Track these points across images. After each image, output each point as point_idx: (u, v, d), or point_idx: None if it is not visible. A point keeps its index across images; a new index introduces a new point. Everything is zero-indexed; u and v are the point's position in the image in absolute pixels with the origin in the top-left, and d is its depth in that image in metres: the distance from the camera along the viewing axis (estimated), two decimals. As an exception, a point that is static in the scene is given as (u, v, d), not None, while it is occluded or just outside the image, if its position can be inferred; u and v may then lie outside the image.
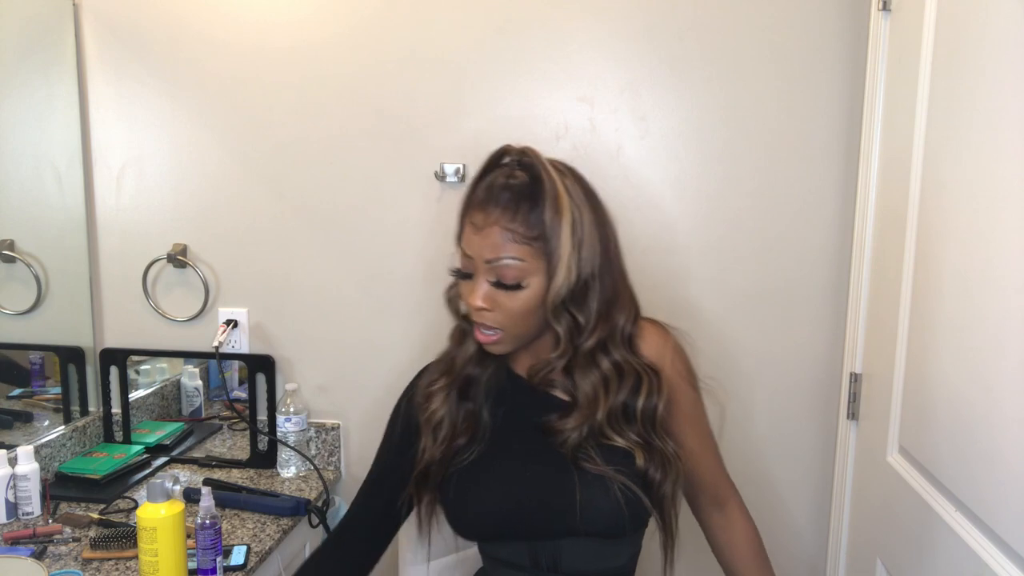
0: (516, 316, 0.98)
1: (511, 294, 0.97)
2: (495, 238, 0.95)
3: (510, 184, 0.97)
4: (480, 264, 0.97)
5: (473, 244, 0.97)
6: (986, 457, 0.95)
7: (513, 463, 1.05)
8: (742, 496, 1.28)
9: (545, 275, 0.97)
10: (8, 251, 1.58)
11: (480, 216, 0.97)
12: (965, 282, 1.01)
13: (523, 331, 1.01)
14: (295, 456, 1.62)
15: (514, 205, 0.95)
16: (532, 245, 0.95)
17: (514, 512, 1.04)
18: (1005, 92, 0.92)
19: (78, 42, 1.65)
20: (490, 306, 0.98)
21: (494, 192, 0.97)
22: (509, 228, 0.95)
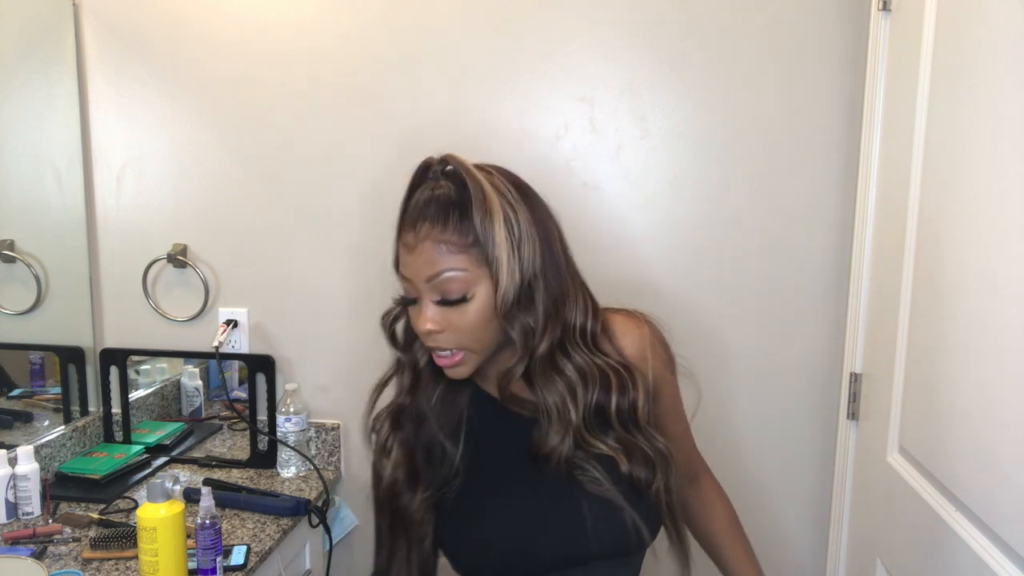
0: (470, 331, 0.92)
1: (459, 309, 0.91)
2: (429, 253, 0.90)
3: (436, 195, 0.93)
4: (421, 285, 0.92)
5: (409, 266, 0.93)
6: (986, 457, 0.95)
7: (508, 498, 0.99)
8: (742, 498, 1.28)
9: (489, 281, 0.91)
10: (8, 251, 1.58)
11: (411, 235, 0.92)
12: (965, 281, 1.01)
13: (481, 346, 0.94)
14: (295, 456, 1.62)
15: (443, 215, 0.91)
16: (469, 253, 0.90)
17: (520, 555, 0.97)
18: (1005, 92, 0.92)
19: (78, 42, 1.65)
20: (440, 327, 0.92)
21: (420, 207, 0.93)
22: (441, 240, 0.90)
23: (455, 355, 0.94)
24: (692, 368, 1.14)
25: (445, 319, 0.92)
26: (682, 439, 1.14)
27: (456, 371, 0.96)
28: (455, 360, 0.94)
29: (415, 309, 0.94)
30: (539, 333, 0.93)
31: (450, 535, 1.01)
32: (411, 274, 0.93)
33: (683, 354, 1.12)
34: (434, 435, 1.02)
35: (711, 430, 1.59)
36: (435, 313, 0.92)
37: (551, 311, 0.94)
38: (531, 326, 0.93)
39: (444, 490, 1.01)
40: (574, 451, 0.96)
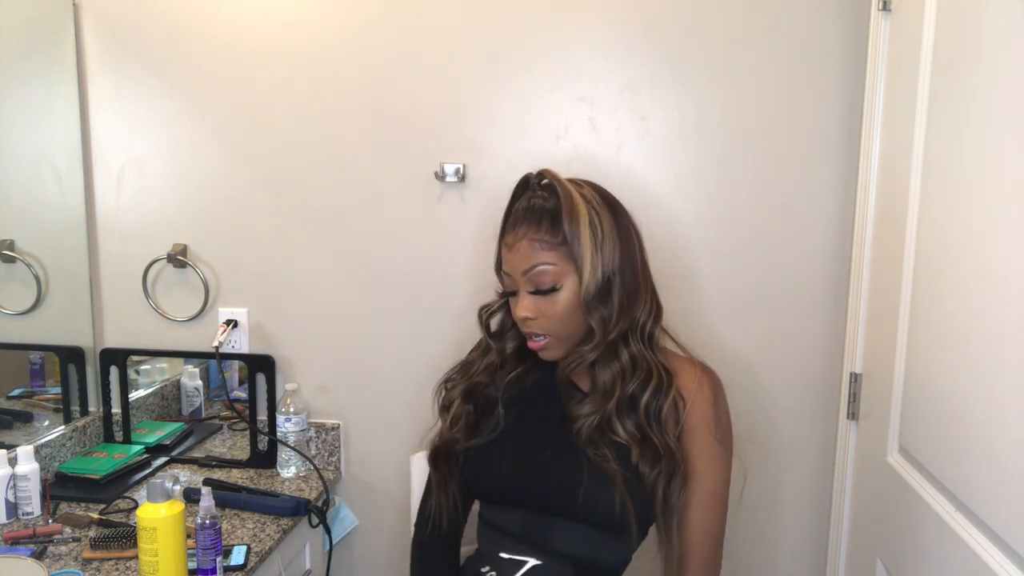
0: (558, 319, 1.09)
1: (550, 299, 1.08)
2: (525, 250, 1.08)
3: (532, 203, 1.10)
4: (518, 278, 1.09)
5: (509, 262, 1.11)
6: (986, 457, 0.95)
7: (529, 444, 1.15)
8: (742, 497, 1.27)
9: (576, 276, 1.07)
10: (8, 251, 1.58)
11: (511, 236, 1.10)
12: (965, 282, 1.01)
13: (568, 333, 1.11)
14: (295, 456, 1.62)
15: (537, 219, 1.08)
16: (559, 250, 1.07)
17: (522, 482, 1.12)
18: (1005, 92, 0.92)
19: (78, 42, 1.65)
20: (534, 315, 1.09)
21: (520, 214, 1.11)
22: (535, 239, 1.07)
23: (544, 339, 1.11)
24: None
25: (538, 308, 1.09)
26: (697, 515, 1.13)
27: (545, 353, 1.14)
28: (544, 344, 1.12)
29: (514, 301, 1.13)
30: (612, 324, 1.09)
31: (475, 456, 1.17)
32: (510, 268, 1.11)
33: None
34: (495, 406, 1.19)
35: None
36: (530, 302, 1.09)
37: (624, 305, 1.10)
38: (607, 317, 1.09)
39: (481, 436, 1.19)
40: (598, 430, 1.09)
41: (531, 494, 1.12)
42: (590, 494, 1.08)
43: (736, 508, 1.65)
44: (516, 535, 1.14)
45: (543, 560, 1.11)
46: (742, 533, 1.62)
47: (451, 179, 1.57)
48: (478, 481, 1.18)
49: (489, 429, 1.18)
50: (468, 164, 1.57)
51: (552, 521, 1.11)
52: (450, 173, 1.57)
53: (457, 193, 1.58)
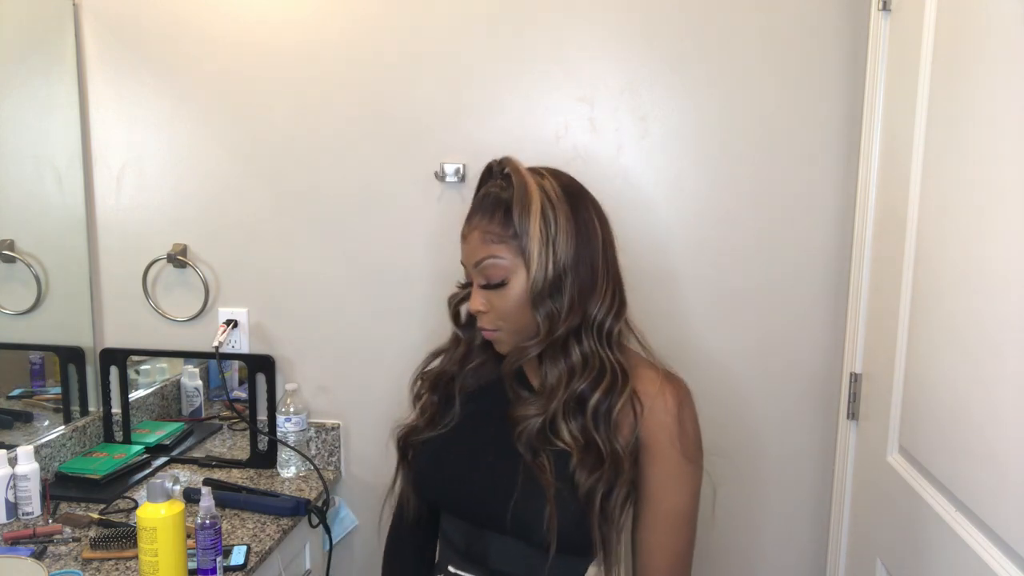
0: (508, 313, 1.05)
1: (500, 293, 1.04)
2: (475, 242, 1.05)
3: (490, 192, 1.07)
4: (471, 270, 1.07)
5: (463, 253, 1.08)
6: (986, 457, 0.95)
7: (474, 448, 1.11)
8: (742, 497, 1.27)
9: (525, 271, 1.03)
10: (8, 251, 1.58)
11: (466, 227, 1.08)
12: (965, 282, 1.01)
13: (516, 327, 1.06)
14: (295, 456, 1.62)
15: (491, 210, 1.04)
16: (509, 243, 1.02)
17: (460, 491, 1.09)
18: (1005, 92, 0.92)
19: (78, 42, 1.65)
20: (486, 308, 1.06)
21: (477, 203, 1.08)
22: (487, 231, 1.04)
23: (495, 332, 1.08)
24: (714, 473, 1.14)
25: (489, 301, 1.06)
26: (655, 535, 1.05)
27: (498, 346, 1.10)
28: (495, 336, 1.08)
29: (472, 293, 1.09)
30: (561, 320, 1.03)
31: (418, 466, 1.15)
32: (464, 260, 1.08)
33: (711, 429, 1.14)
34: (454, 395, 1.17)
35: (711, 431, 1.59)
36: (482, 295, 1.06)
37: (575, 301, 1.03)
38: (554, 312, 1.03)
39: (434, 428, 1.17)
40: (541, 434, 1.03)
41: (467, 505, 1.08)
42: (520, 507, 1.01)
43: (736, 508, 1.66)
44: (460, 549, 1.10)
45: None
46: (742, 533, 1.62)
47: (451, 179, 1.57)
48: (424, 487, 1.15)
49: (444, 423, 1.15)
50: (468, 164, 1.57)
51: (488, 536, 1.06)
52: (450, 173, 1.57)
53: (457, 193, 1.58)
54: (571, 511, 1.00)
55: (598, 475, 1.00)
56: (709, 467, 1.11)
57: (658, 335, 1.57)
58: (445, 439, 1.14)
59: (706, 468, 1.10)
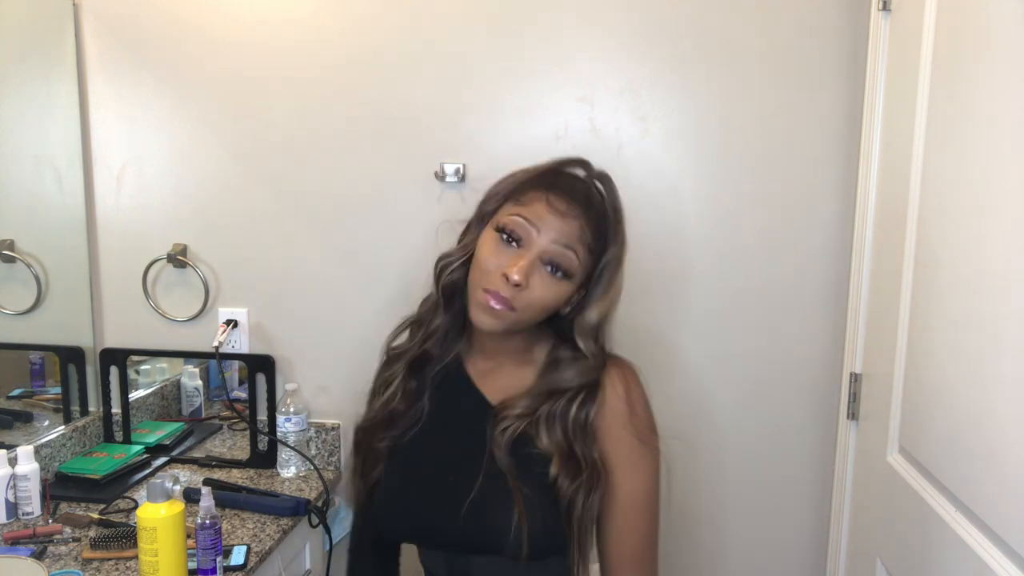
0: (538, 303, 0.99)
1: (549, 282, 0.99)
2: (573, 230, 0.98)
3: (593, 197, 1.03)
4: (543, 242, 0.98)
5: (549, 223, 0.98)
6: (986, 457, 0.95)
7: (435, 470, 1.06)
8: (742, 497, 1.27)
9: (577, 286, 1.02)
10: (8, 251, 1.58)
11: (563, 204, 0.99)
12: (965, 282, 1.01)
13: (526, 319, 1.01)
14: (295, 456, 1.62)
15: (593, 216, 1.01)
16: (588, 255, 1.00)
17: (425, 529, 1.05)
18: (1005, 92, 0.92)
19: (78, 42, 1.65)
20: (524, 284, 0.97)
21: (578, 192, 1.02)
22: (585, 229, 0.99)
23: (510, 311, 0.98)
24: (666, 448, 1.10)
25: (535, 281, 0.98)
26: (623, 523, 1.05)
27: (494, 322, 1.00)
28: (502, 314, 0.99)
29: (509, 254, 0.99)
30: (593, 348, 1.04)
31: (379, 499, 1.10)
32: (546, 227, 0.98)
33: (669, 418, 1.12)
34: (425, 385, 1.11)
35: (711, 431, 1.60)
36: (530, 270, 0.98)
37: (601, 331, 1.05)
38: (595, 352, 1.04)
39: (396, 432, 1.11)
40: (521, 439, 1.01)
41: (441, 536, 1.05)
42: (493, 525, 1.00)
43: (736, 508, 1.65)
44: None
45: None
46: (742, 533, 1.62)
47: (451, 179, 1.57)
48: (392, 531, 1.10)
49: (410, 421, 1.10)
50: (468, 164, 1.57)
51: (470, 560, 1.05)
52: (450, 173, 1.56)
53: (457, 193, 1.58)
54: (539, 518, 0.99)
55: (579, 483, 1.00)
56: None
57: (657, 334, 1.58)
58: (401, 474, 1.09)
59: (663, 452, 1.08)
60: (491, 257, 0.99)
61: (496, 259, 0.99)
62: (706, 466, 1.59)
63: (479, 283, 1.00)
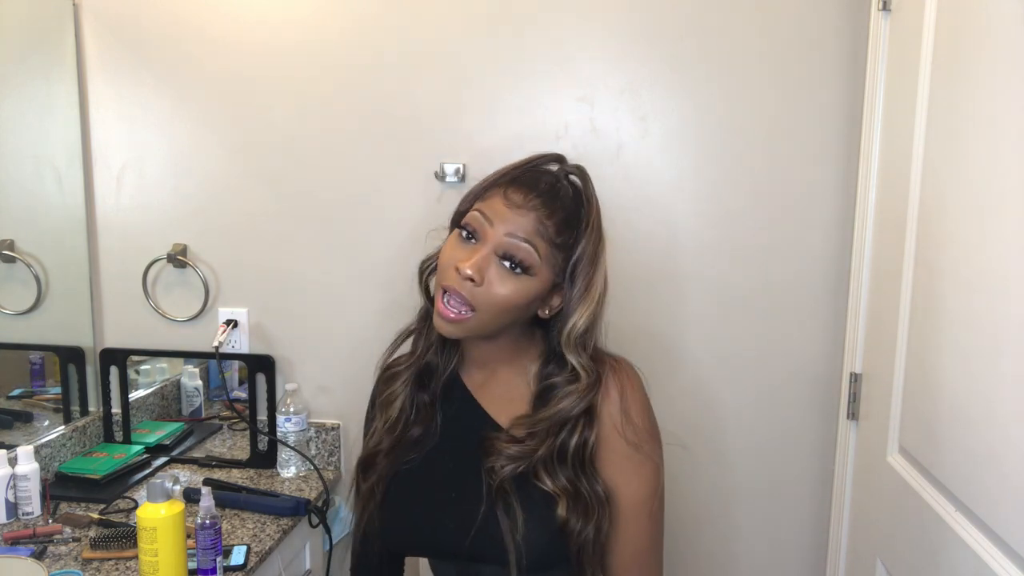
0: (495, 302, 0.95)
1: (507, 277, 0.95)
2: (529, 222, 0.95)
3: (559, 189, 0.99)
4: (497, 235, 0.95)
5: (502, 215, 0.95)
6: (986, 457, 0.95)
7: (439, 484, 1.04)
8: (742, 498, 1.26)
9: (543, 285, 0.98)
10: (8, 251, 1.58)
11: (520, 196, 0.96)
12: (965, 282, 1.01)
13: (489, 322, 0.97)
14: (295, 456, 1.62)
15: (553, 208, 0.96)
16: (552, 250, 0.96)
17: (433, 540, 1.03)
18: (1005, 92, 0.92)
19: (78, 42, 1.65)
20: (477, 278, 0.94)
21: (540, 185, 0.98)
22: (544, 222, 0.95)
23: (464, 313, 0.95)
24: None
25: (486, 275, 0.94)
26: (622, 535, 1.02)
27: (453, 328, 0.97)
28: (460, 317, 0.96)
29: (464, 249, 0.96)
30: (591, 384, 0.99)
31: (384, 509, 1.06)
32: (499, 219, 0.95)
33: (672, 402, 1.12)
34: (435, 397, 1.08)
35: (710, 431, 1.59)
36: (483, 263, 0.94)
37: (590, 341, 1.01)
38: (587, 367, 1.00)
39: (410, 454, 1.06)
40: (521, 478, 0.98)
41: (449, 547, 1.01)
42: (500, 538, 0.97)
43: (736, 508, 1.65)
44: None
45: None
46: (742, 533, 1.62)
47: (451, 179, 1.57)
48: (399, 544, 1.09)
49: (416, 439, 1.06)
50: (468, 164, 1.57)
51: (479, 569, 1.02)
52: (450, 173, 1.56)
53: (457, 193, 1.57)
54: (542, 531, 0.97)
55: (592, 521, 0.97)
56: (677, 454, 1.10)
57: (657, 334, 1.58)
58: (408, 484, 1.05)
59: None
60: (449, 253, 0.98)
61: (453, 254, 0.97)
62: (706, 466, 1.59)
63: (437, 283, 0.99)
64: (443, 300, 0.96)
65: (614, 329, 1.14)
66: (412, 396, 1.08)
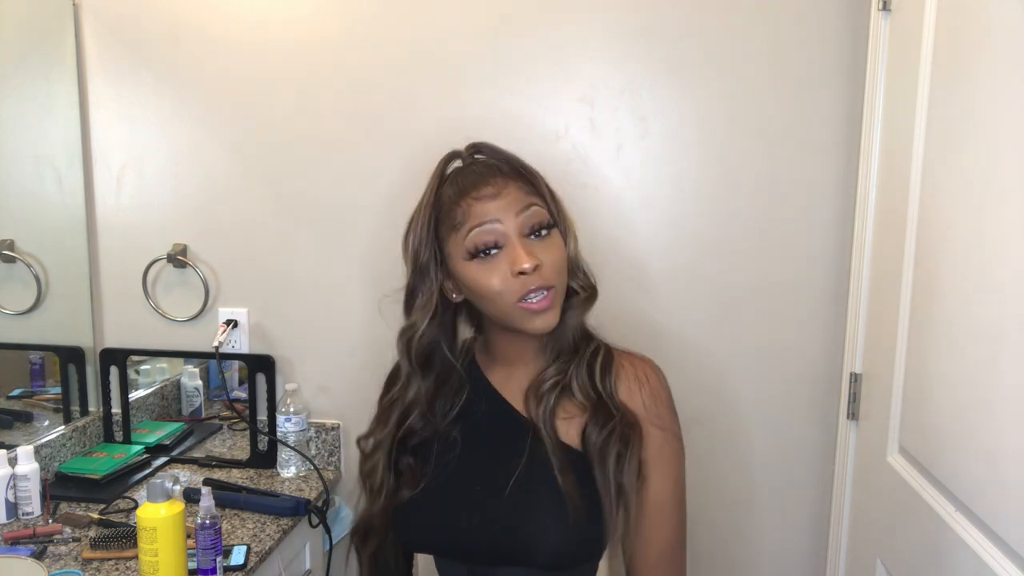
0: (558, 265, 0.99)
1: (547, 243, 0.99)
2: (516, 194, 0.99)
3: (492, 163, 1.03)
4: (512, 223, 0.97)
5: (493, 210, 0.98)
6: (986, 457, 0.95)
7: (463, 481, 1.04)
8: (742, 498, 1.26)
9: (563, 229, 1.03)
10: (8, 251, 1.58)
11: (489, 188, 0.99)
12: (965, 282, 1.01)
13: (561, 288, 1.01)
14: (295, 456, 1.62)
15: (513, 174, 1.01)
16: (543, 200, 1.02)
17: (450, 540, 1.03)
18: (1005, 92, 0.92)
19: (78, 42, 1.65)
20: (538, 262, 0.96)
21: (483, 171, 1.01)
22: (520, 187, 1.00)
23: (549, 295, 0.98)
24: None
25: (538, 254, 0.97)
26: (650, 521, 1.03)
27: (547, 317, 0.99)
28: (549, 301, 0.98)
29: (499, 261, 0.98)
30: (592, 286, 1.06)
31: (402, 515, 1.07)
32: (499, 214, 0.97)
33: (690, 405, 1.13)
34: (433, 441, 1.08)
35: (710, 430, 1.59)
36: (529, 250, 0.97)
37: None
38: (588, 282, 1.05)
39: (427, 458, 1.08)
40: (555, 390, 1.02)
41: (467, 547, 1.02)
42: (521, 532, 0.98)
43: (736, 508, 1.65)
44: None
45: None
46: (742, 533, 1.62)
47: (451, 179, 1.57)
48: (415, 544, 1.09)
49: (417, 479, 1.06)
50: (468, 164, 1.57)
51: (496, 572, 1.02)
52: (450, 173, 1.56)
53: (457, 193, 1.58)
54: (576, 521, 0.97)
55: (610, 428, 0.98)
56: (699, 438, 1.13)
57: (657, 334, 1.58)
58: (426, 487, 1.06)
59: None
60: (492, 277, 0.98)
61: (496, 273, 0.98)
62: (705, 465, 1.59)
63: (509, 302, 0.98)
64: (530, 301, 0.97)
65: (614, 329, 1.14)
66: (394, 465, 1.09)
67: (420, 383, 1.07)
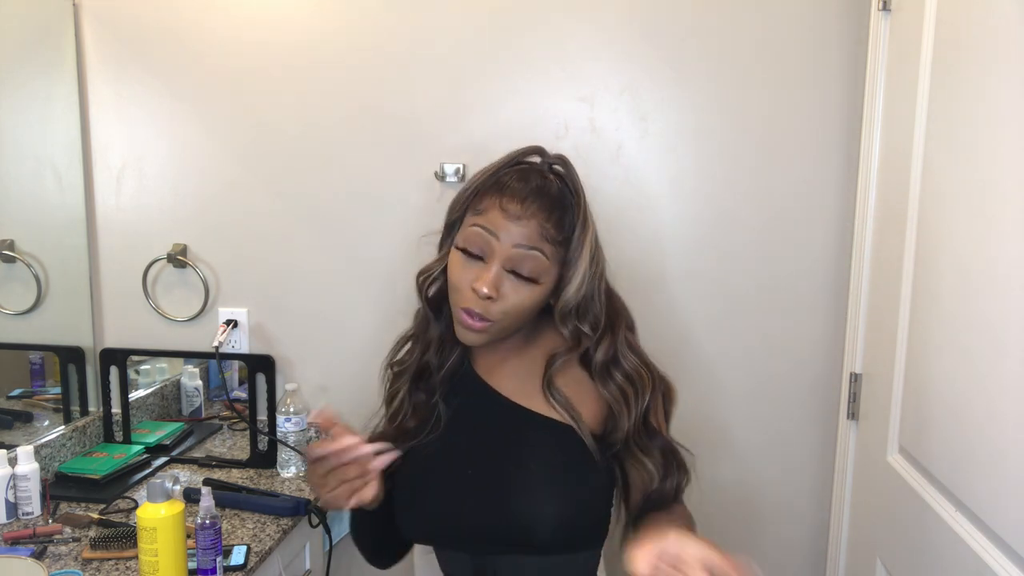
0: (514, 310, 1.00)
1: (520, 286, 0.99)
2: (531, 230, 0.98)
3: (547, 187, 1.01)
4: (504, 249, 0.98)
5: (504, 229, 0.98)
6: (986, 457, 0.95)
7: (454, 467, 1.06)
8: (742, 498, 1.27)
9: (554, 281, 1.01)
10: (8, 251, 1.58)
11: (517, 207, 0.98)
12: (965, 282, 1.01)
13: (509, 325, 1.02)
14: (295, 456, 1.62)
15: (549, 207, 0.99)
16: (556, 248, 1.00)
17: (448, 530, 1.05)
18: (1005, 92, 0.92)
19: (78, 42, 1.65)
20: (495, 296, 0.98)
21: (532, 189, 1.00)
22: (545, 225, 0.98)
23: (486, 324, 0.99)
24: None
25: (504, 290, 0.98)
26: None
27: (476, 337, 1.01)
28: (481, 328, 1.00)
29: (473, 269, 1.00)
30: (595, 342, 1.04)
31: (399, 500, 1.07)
32: (504, 233, 0.98)
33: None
34: (434, 393, 1.10)
35: (711, 430, 1.59)
36: (497, 280, 0.98)
37: (608, 325, 1.05)
38: (584, 333, 1.03)
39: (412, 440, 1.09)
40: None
41: (466, 539, 1.04)
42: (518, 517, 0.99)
43: (737, 508, 1.65)
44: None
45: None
46: (742, 533, 1.62)
47: (451, 179, 1.57)
48: (413, 532, 1.09)
49: (427, 429, 1.09)
50: (468, 164, 1.57)
51: (497, 560, 1.03)
52: (450, 173, 1.56)
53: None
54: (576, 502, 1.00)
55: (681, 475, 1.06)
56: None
57: (658, 335, 1.57)
58: (421, 476, 1.07)
59: None
60: (460, 275, 1.01)
61: (464, 275, 1.00)
62: (706, 465, 1.59)
63: (455, 303, 1.02)
64: (466, 316, 1.00)
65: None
66: (410, 394, 1.11)
67: (434, 324, 1.10)
